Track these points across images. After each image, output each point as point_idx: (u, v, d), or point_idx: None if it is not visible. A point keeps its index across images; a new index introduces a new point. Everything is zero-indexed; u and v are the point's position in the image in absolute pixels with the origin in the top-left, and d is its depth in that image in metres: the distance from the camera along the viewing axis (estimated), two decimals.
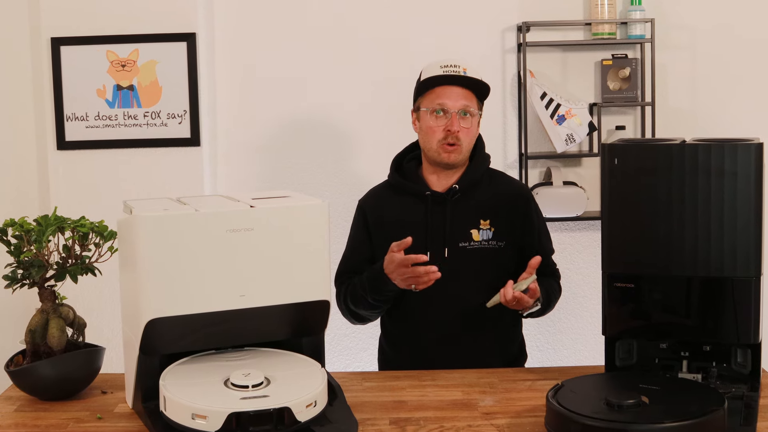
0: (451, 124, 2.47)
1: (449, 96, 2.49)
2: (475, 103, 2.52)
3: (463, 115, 2.48)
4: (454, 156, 2.49)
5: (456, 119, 2.47)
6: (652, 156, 1.96)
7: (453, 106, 2.48)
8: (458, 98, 2.49)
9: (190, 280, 1.87)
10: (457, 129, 2.47)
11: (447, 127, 2.47)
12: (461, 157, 2.51)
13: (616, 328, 2.05)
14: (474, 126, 2.52)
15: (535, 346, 3.80)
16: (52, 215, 2.10)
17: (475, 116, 2.51)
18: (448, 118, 2.48)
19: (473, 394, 2.12)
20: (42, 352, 2.10)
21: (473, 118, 2.50)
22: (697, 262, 1.94)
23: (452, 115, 2.47)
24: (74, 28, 3.48)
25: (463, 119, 2.48)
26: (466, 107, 2.49)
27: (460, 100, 2.49)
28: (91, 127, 3.52)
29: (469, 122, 2.49)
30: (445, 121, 2.48)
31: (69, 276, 2.11)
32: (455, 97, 2.49)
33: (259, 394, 1.83)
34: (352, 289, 2.53)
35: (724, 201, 1.91)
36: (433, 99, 2.51)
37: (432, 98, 2.51)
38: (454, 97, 2.49)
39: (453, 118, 2.47)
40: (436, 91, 2.51)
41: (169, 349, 1.97)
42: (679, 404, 1.77)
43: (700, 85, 3.77)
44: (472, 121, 2.50)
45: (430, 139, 2.51)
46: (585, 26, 3.74)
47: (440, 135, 2.49)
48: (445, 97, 2.49)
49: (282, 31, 3.72)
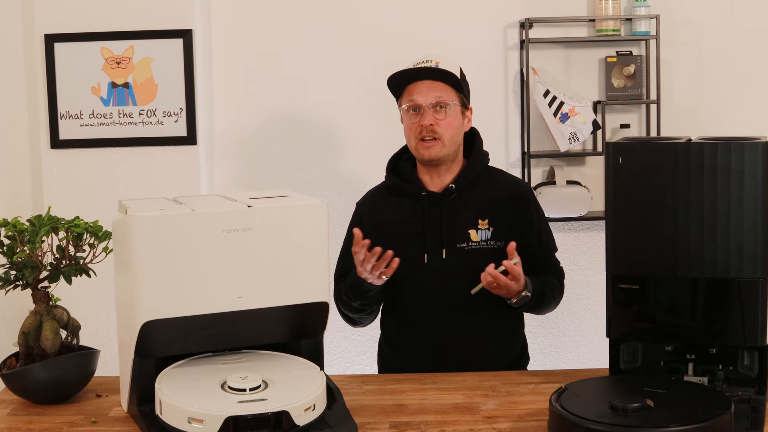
0: (423, 118, 2.48)
1: (419, 91, 2.50)
2: (450, 94, 2.50)
3: (438, 109, 2.48)
4: (435, 151, 2.49)
5: (428, 113, 2.48)
6: (657, 155, 1.96)
7: (424, 100, 2.49)
8: (429, 92, 2.49)
9: (186, 281, 1.87)
10: (430, 122, 2.47)
11: (420, 122, 2.48)
12: (444, 151, 2.50)
13: (620, 330, 2.05)
14: (452, 117, 2.50)
15: (538, 348, 3.80)
16: (45, 215, 2.10)
17: (450, 107, 2.49)
18: (421, 114, 2.49)
19: (475, 397, 2.12)
20: (35, 355, 2.10)
21: (449, 110, 2.49)
22: (703, 262, 1.94)
23: (424, 110, 2.48)
24: (68, 25, 3.48)
25: (437, 112, 2.48)
26: (439, 99, 2.49)
27: (431, 94, 2.49)
28: (85, 125, 3.52)
29: (444, 114, 2.49)
30: (419, 118, 2.49)
31: (63, 277, 2.11)
32: (425, 92, 2.49)
33: (257, 398, 1.83)
34: (339, 294, 2.54)
35: (730, 200, 1.91)
36: (406, 97, 2.53)
37: (405, 96, 2.53)
38: (425, 92, 2.49)
39: (425, 113, 2.48)
40: (408, 89, 2.53)
41: (165, 352, 1.97)
42: (684, 408, 1.77)
43: (706, 82, 3.77)
44: (449, 113, 2.49)
45: (410, 137, 2.53)
46: (589, 23, 3.74)
47: (416, 131, 2.50)
48: (416, 93, 2.50)
49: (280, 28, 3.72)
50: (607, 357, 2.09)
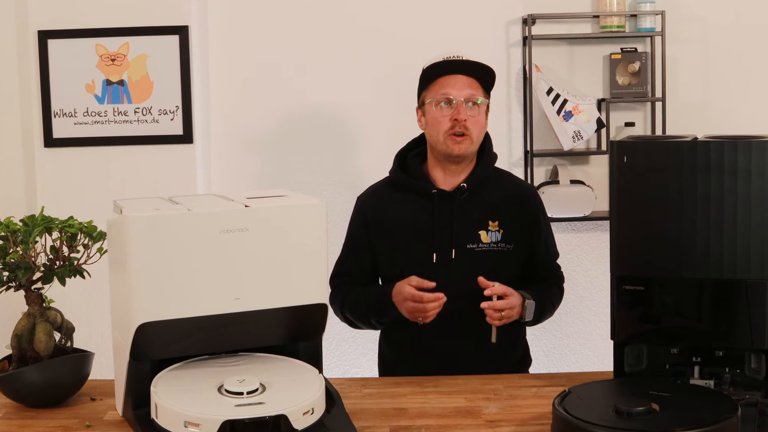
0: (458, 112, 2.47)
1: (453, 85, 2.49)
2: (481, 92, 2.51)
3: (471, 105, 2.48)
4: (464, 146, 2.49)
5: (462, 108, 2.47)
6: (662, 154, 1.96)
7: (458, 94, 2.48)
8: (463, 87, 2.49)
9: (182, 282, 1.87)
10: (465, 118, 2.46)
11: (454, 116, 2.47)
12: (472, 148, 2.50)
13: (625, 333, 2.05)
14: (482, 116, 2.51)
15: (541, 351, 3.80)
16: (39, 215, 2.10)
17: (482, 106, 2.50)
18: (454, 108, 2.48)
19: (477, 401, 2.13)
20: (28, 358, 2.10)
21: (480, 108, 2.50)
22: (710, 263, 1.94)
23: (458, 104, 2.47)
24: (62, 21, 3.48)
25: (470, 108, 2.48)
26: (472, 96, 2.49)
27: (465, 89, 2.49)
28: (79, 123, 3.52)
29: (476, 111, 2.49)
30: (451, 111, 2.48)
31: (57, 278, 2.11)
32: (460, 86, 2.49)
33: (255, 401, 1.83)
34: (353, 301, 2.53)
35: (737, 200, 1.91)
36: (437, 90, 2.50)
37: (436, 89, 2.51)
38: (459, 86, 2.49)
39: (459, 107, 2.47)
40: (439, 81, 2.51)
41: (161, 355, 1.97)
42: (690, 412, 1.77)
43: (713, 79, 3.78)
44: (480, 111, 2.50)
45: (437, 130, 2.50)
46: (593, 18, 3.74)
47: (447, 125, 2.48)
48: (449, 86, 2.49)
49: (278, 24, 3.72)
50: (612, 360, 2.09)
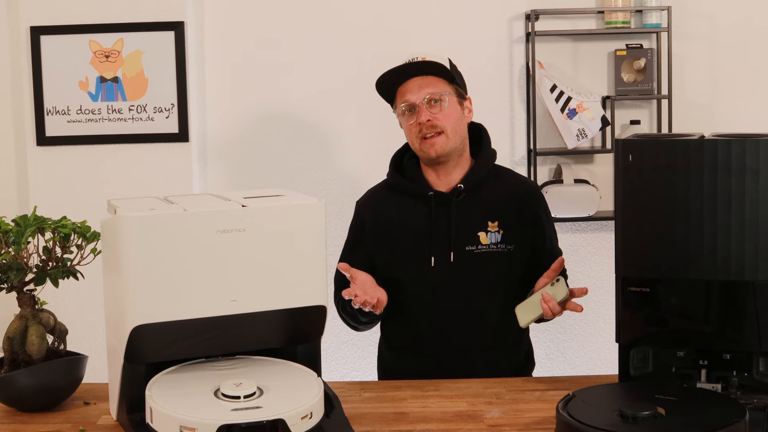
0: (420, 115, 2.48)
1: (410, 89, 2.50)
2: (442, 86, 2.49)
3: (433, 103, 2.48)
4: (439, 146, 2.48)
5: (423, 109, 2.47)
6: (668, 152, 1.96)
7: (416, 97, 2.49)
8: (420, 89, 2.49)
9: (178, 284, 1.87)
10: (427, 118, 2.47)
11: (418, 120, 2.48)
12: (450, 144, 2.50)
13: (630, 335, 2.05)
14: (450, 109, 2.49)
15: (545, 354, 3.80)
16: (31, 215, 2.10)
17: (445, 100, 2.49)
18: (417, 112, 2.49)
19: (479, 405, 2.13)
20: (21, 361, 2.10)
21: (444, 102, 2.49)
22: (717, 264, 1.94)
23: (419, 107, 2.48)
24: (55, 17, 3.48)
25: (432, 107, 2.48)
26: (432, 94, 2.48)
27: (422, 90, 2.49)
28: (72, 121, 3.53)
29: (439, 108, 2.48)
30: (416, 116, 2.49)
31: (49, 280, 2.11)
32: (416, 89, 2.49)
33: (252, 405, 1.83)
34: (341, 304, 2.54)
35: (745, 200, 1.91)
36: (399, 99, 2.53)
37: (398, 99, 2.54)
38: (416, 90, 2.49)
39: (420, 110, 2.48)
40: (399, 90, 2.53)
41: (156, 358, 1.97)
42: (697, 416, 1.77)
43: (720, 76, 3.78)
44: (444, 106, 2.49)
45: (411, 139, 2.53)
46: (597, 14, 3.74)
47: (416, 131, 2.50)
48: (407, 92, 2.50)
49: (275, 21, 3.72)
50: (617, 363, 2.09)
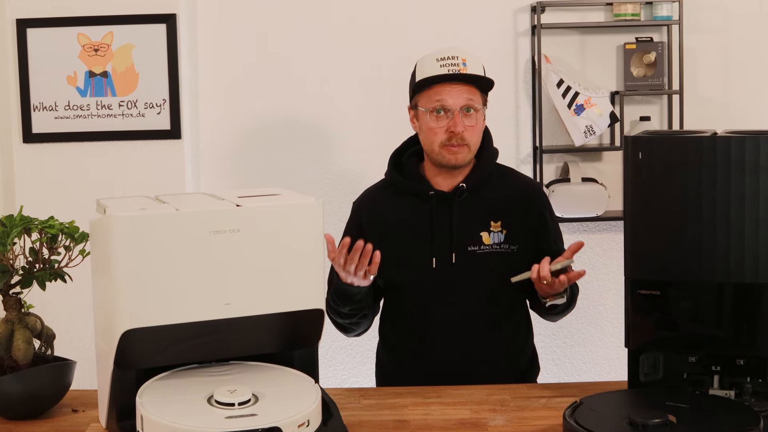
0: (455, 125, 2.46)
1: (450, 93, 2.48)
2: (478, 98, 2.50)
3: (466, 112, 2.48)
4: (461, 157, 2.49)
5: (459, 119, 2.46)
6: (680, 150, 1.96)
7: (454, 104, 2.47)
8: (459, 95, 2.47)
9: (169, 287, 1.87)
10: (462, 129, 2.46)
11: (450, 128, 2.47)
12: (469, 156, 2.51)
13: (640, 340, 2.06)
14: (479, 122, 2.51)
15: (551, 359, 3.80)
16: (17, 215, 2.10)
17: (479, 112, 2.50)
18: (449, 118, 2.47)
19: (482, 412, 2.13)
20: (6, 367, 2.10)
21: (477, 114, 2.49)
22: (730, 266, 1.94)
23: (455, 114, 2.47)
24: (42, 9, 3.48)
25: (466, 117, 2.48)
26: (470, 103, 2.48)
27: (461, 97, 2.47)
28: (60, 117, 3.53)
29: (473, 119, 2.48)
30: (447, 122, 2.47)
31: (36, 282, 2.11)
32: (456, 95, 2.47)
33: (246, 413, 1.83)
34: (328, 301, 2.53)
35: (759, 199, 1.91)
36: (432, 97, 2.49)
37: (430, 96, 2.49)
38: (455, 95, 2.47)
39: (456, 118, 2.46)
40: (434, 88, 2.49)
41: (147, 363, 1.97)
42: (709, 424, 1.78)
43: (733, 71, 3.78)
44: (477, 118, 2.49)
45: (432, 141, 2.50)
46: (606, 6, 3.74)
47: (443, 137, 2.48)
48: (445, 94, 2.48)
49: (271, 13, 3.72)
50: (626, 369, 2.09)
